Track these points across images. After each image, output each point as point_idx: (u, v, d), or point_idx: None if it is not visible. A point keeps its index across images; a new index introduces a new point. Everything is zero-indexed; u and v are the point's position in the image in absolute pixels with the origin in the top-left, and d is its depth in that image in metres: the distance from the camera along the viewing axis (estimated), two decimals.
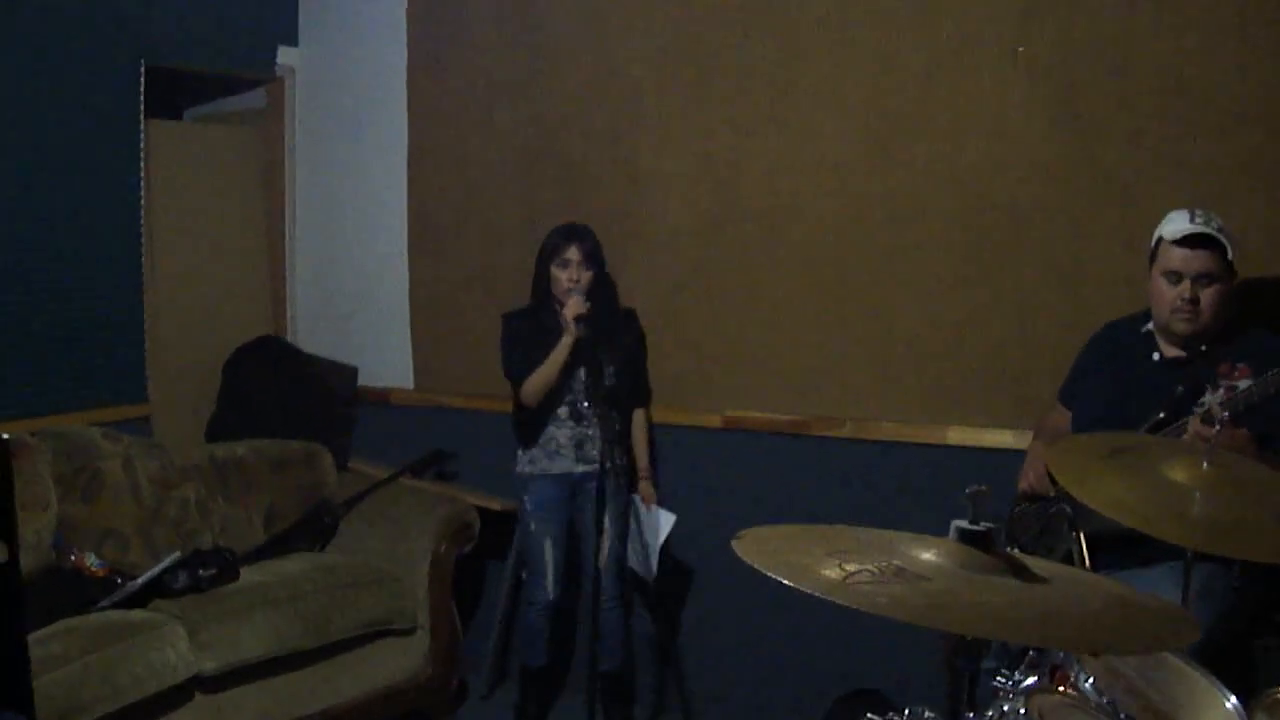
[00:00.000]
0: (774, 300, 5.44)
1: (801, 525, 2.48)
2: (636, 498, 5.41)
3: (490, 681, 6.10)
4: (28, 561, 4.71)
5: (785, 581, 2.06)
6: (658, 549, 5.33)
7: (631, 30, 5.72)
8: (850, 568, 2.12)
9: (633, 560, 5.41)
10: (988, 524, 2.21)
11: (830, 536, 2.37)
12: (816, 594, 2.01)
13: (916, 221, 5.07)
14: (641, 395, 5.63)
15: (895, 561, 2.15)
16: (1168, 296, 3.89)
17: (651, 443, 5.63)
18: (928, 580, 2.08)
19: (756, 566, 2.15)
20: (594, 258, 5.24)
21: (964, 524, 2.21)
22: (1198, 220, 3.82)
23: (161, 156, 6.27)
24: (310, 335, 6.92)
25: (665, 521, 5.36)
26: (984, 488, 2.20)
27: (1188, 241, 3.83)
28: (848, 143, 5.21)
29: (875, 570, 2.10)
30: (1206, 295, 3.83)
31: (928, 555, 2.20)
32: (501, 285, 5.84)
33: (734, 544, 2.27)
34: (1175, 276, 3.86)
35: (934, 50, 4.99)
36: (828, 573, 2.11)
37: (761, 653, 5.53)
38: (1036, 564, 2.24)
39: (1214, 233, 3.80)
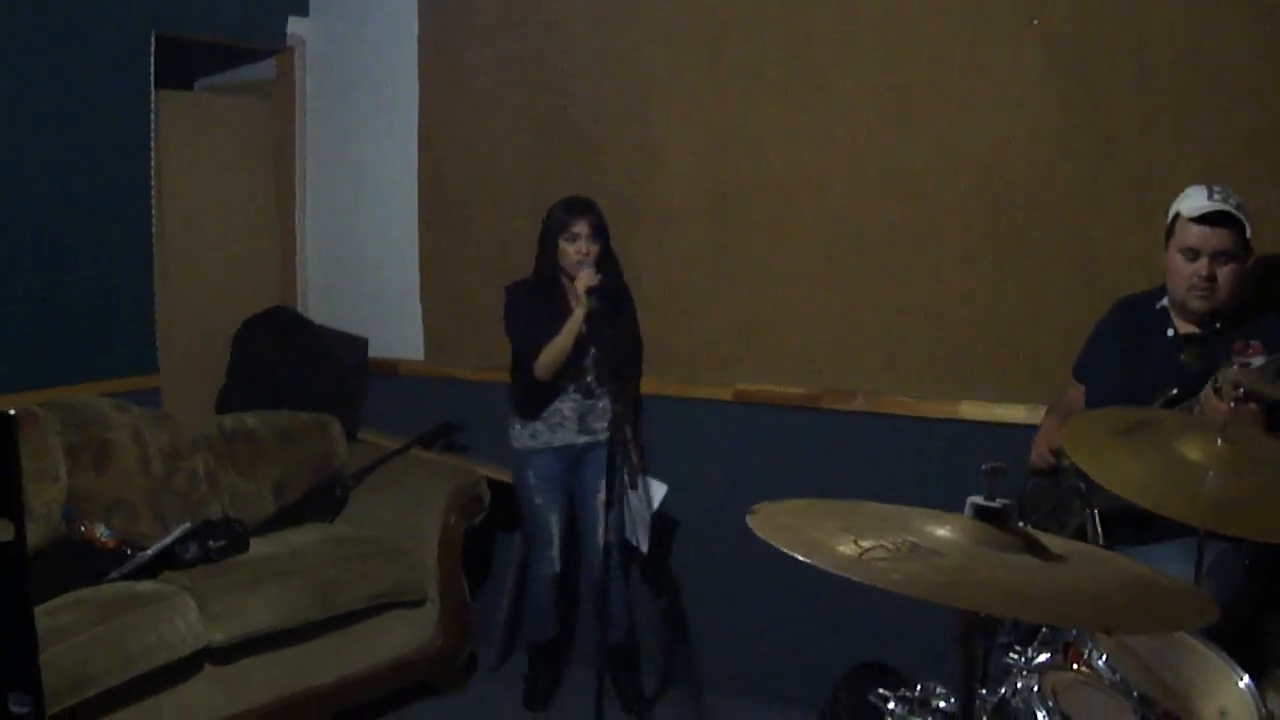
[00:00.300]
0: (786, 274, 5.42)
1: (816, 500, 2.45)
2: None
3: (500, 653, 6.10)
4: (38, 532, 4.77)
5: (801, 558, 2.05)
6: (649, 518, 5.32)
7: (643, 4, 5.69)
8: (865, 544, 2.10)
9: (628, 531, 5.41)
10: (1003, 500, 2.19)
11: (845, 512, 2.36)
12: (832, 570, 2.00)
13: (930, 195, 5.05)
14: (637, 368, 5.63)
15: (910, 538, 2.14)
16: (1184, 273, 3.85)
17: (637, 414, 5.63)
18: (943, 557, 2.07)
19: (771, 542, 2.13)
20: (601, 230, 5.22)
21: (980, 500, 2.19)
22: (1216, 197, 3.78)
23: (172, 127, 6.27)
24: (320, 306, 6.92)
25: (657, 491, 5.34)
26: (1000, 464, 2.18)
27: (1206, 219, 3.79)
28: (861, 117, 5.18)
29: (890, 546, 2.09)
30: (1224, 273, 3.80)
31: (943, 532, 2.18)
32: (512, 258, 5.81)
33: (748, 519, 2.25)
34: (1192, 253, 3.83)
35: (948, 23, 4.95)
36: (843, 549, 2.10)
37: (772, 626, 5.52)
38: (1052, 541, 2.23)
39: (1232, 210, 3.76)
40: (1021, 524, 4.03)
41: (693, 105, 5.60)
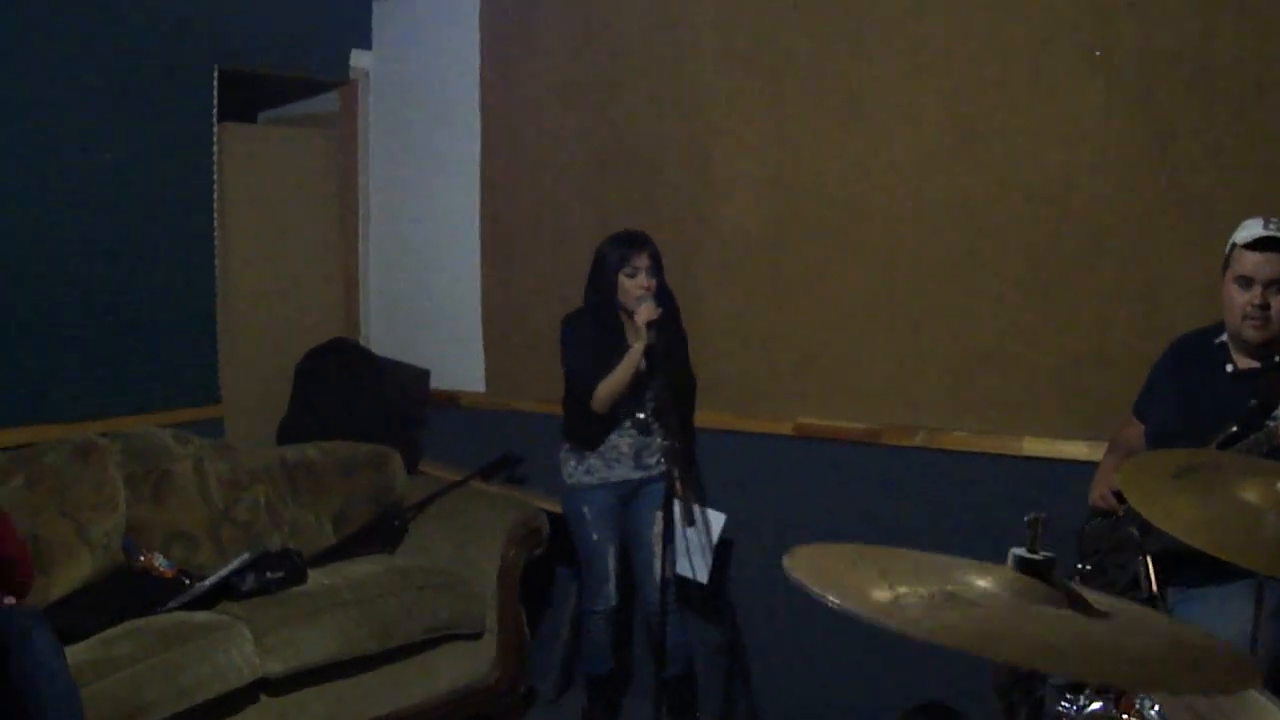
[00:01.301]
0: (846, 307, 5.38)
1: (855, 545, 2.41)
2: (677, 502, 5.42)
3: (558, 686, 6.09)
4: (96, 562, 4.80)
5: (832, 602, 2.02)
6: (711, 549, 5.30)
7: (703, 33, 5.68)
8: (901, 590, 2.07)
9: (682, 565, 5.39)
10: (1046, 553, 2.14)
11: (885, 557, 2.32)
12: (862, 616, 1.97)
13: (992, 228, 5.00)
14: (690, 402, 5.60)
15: (948, 587, 2.10)
16: (1239, 303, 3.79)
17: (691, 448, 5.58)
18: (979, 607, 2.03)
19: (804, 586, 2.10)
20: (659, 264, 5.20)
21: (1022, 552, 2.14)
22: (1272, 226, 3.73)
23: (235, 159, 6.32)
24: (382, 338, 6.96)
25: (716, 521, 5.34)
26: (1043, 515, 2.13)
27: (1259, 245, 3.73)
28: (921, 148, 5.14)
29: (925, 594, 2.05)
30: (1278, 301, 3.75)
31: (983, 582, 2.14)
32: (573, 289, 5.79)
33: (785, 561, 2.22)
34: (1246, 282, 3.77)
35: (1010, 54, 4.91)
36: (878, 594, 2.06)
37: (831, 662, 5.46)
38: (1098, 599, 2.18)
39: None
40: (1080, 565, 4.00)
41: (753, 135, 5.57)
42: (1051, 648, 1.91)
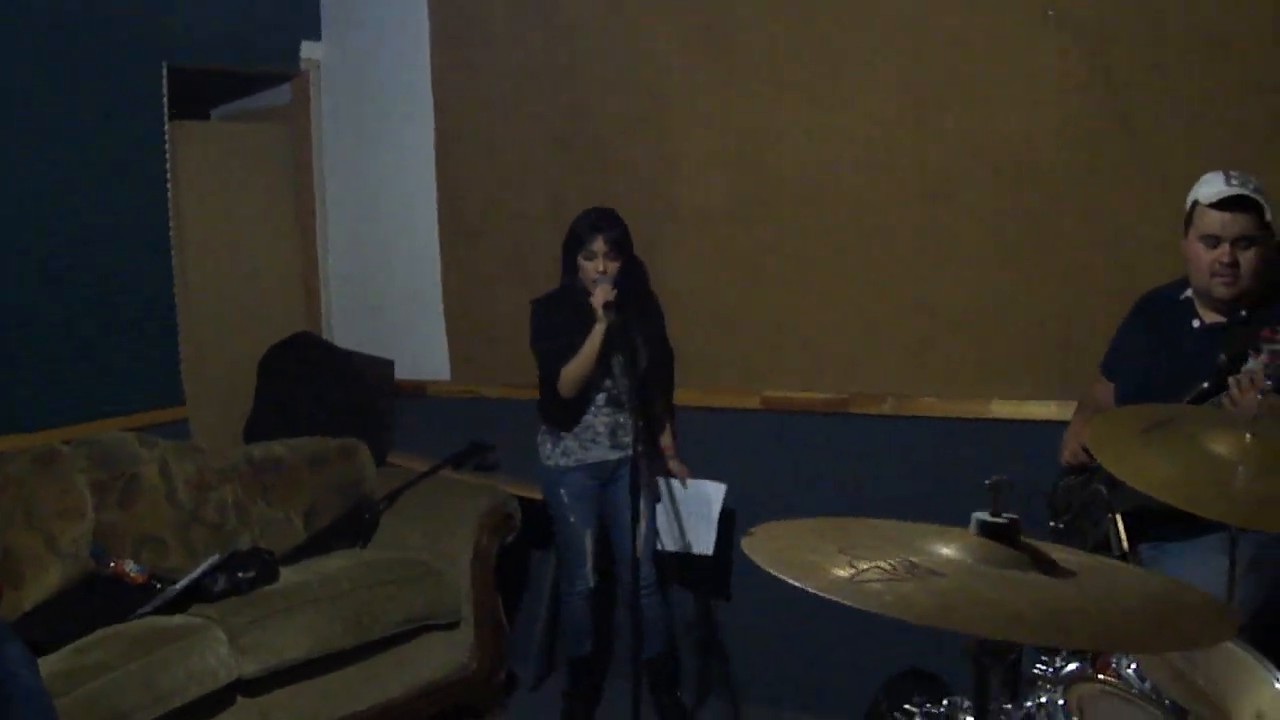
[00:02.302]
0: (810, 278, 5.37)
1: (815, 519, 2.39)
2: (671, 480, 5.41)
3: (538, 672, 6.08)
4: (65, 570, 4.75)
5: (791, 581, 2.00)
6: (714, 520, 5.32)
7: (656, 9, 5.66)
8: (861, 565, 2.04)
9: (674, 542, 5.38)
10: (1010, 515, 2.12)
11: (845, 530, 2.30)
12: (822, 594, 1.94)
13: (952, 193, 5.00)
14: (669, 378, 5.59)
15: (910, 557, 2.07)
16: (1205, 260, 3.79)
17: (673, 423, 5.62)
18: (941, 577, 2.01)
19: (763, 566, 2.08)
20: (620, 246, 5.17)
21: (984, 516, 2.12)
22: (1234, 182, 3.72)
23: (188, 157, 6.26)
24: (345, 330, 6.92)
25: (716, 492, 5.38)
26: (1005, 478, 2.11)
27: (1225, 204, 3.73)
28: (880, 115, 5.14)
29: (887, 567, 2.03)
30: (1246, 258, 3.74)
31: (946, 550, 2.11)
32: (534, 272, 5.80)
33: (743, 542, 2.20)
34: (1213, 240, 3.77)
35: (964, 17, 4.91)
36: (837, 571, 2.04)
37: (809, 635, 5.46)
38: (1063, 556, 2.16)
39: (1250, 194, 3.70)
40: (1053, 523, 4.00)
41: (710, 109, 5.56)
42: (1016, 615, 1.88)
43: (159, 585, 4.83)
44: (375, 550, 5.63)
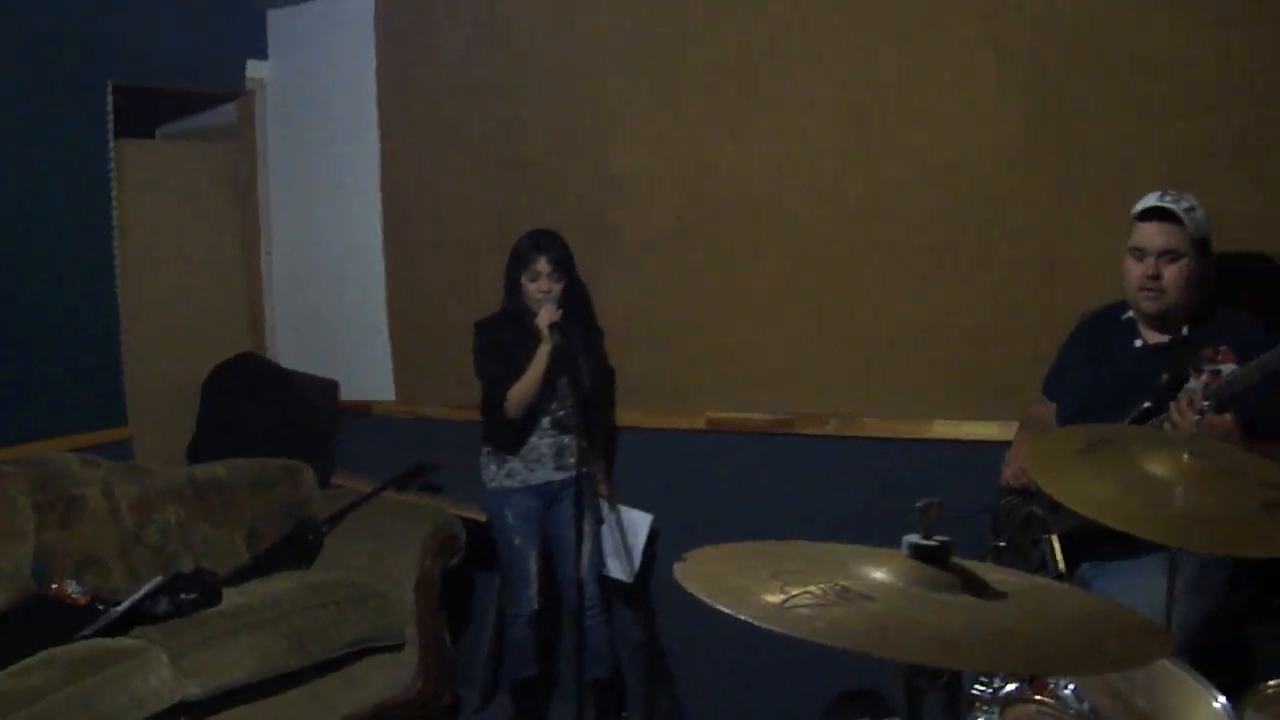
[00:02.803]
0: (753, 299, 5.39)
1: (749, 544, 2.40)
2: (603, 502, 5.42)
3: (484, 694, 6.06)
4: (7, 592, 4.71)
5: (722, 609, 2.00)
6: (639, 550, 5.31)
7: (599, 33, 5.68)
8: (793, 590, 2.05)
9: (610, 566, 5.39)
10: (941, 538, 2.13)
11: (778, 554, 2.30)
12: (754, 622, 1.95)
13: (893, 214, 5.02)
14: (609, 399, 5.61)
15: (842, 581, 2.08)
16: (1134, 274, 3.86)
17: (610, 446, 5.65)
18: (872, 601, 2.01)
19: (695, 592, 2.09)
20: (563, 266, 5.20)
21: (916, 538, 2.13)
22: (1167, 199, 3.79)
23: (133, 176, 6.25)
24: (289, 350, 6.90)
25: (643, 522, 5.38)
26: (936, 500, 2.12)
27: (1149, 215, 3.81)
28: (820, 137, 5.16)
29: (818, 592, 2.03)
30: (1169, 272, 3.78)
31: (879, 573, 2.11)
32: (479, 293, 5.80)
33: (675, 569, 2.21)
34: (1140, 253, 3.84)
35: (904, 39, 4.93)
36: (768, 596, 2.04)
37: (754, 656, 5.45)
38: (996, 578, 2.17)
39: (1171, 206, 3.76)
40: (998, 544, 4.03)
41: (651, 130, 5.58)
42: (946, 640, 1.89)
43: (101, 607, 4.81)
44: (319, 572, 5.61)
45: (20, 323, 5.57)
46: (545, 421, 5.30)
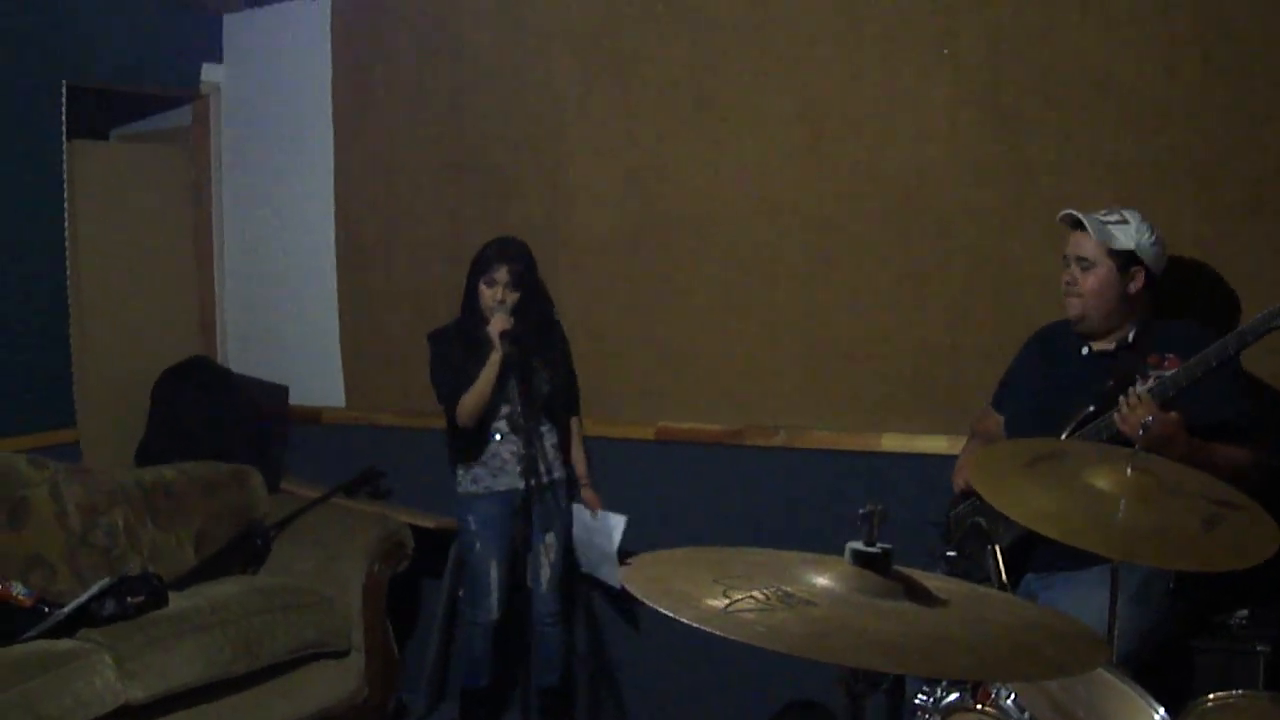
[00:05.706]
0: (704, 310, 5.41)
1: (695, 549, 2.41)
2: (580, 506, 5.41)
3: (429, 701, 6.04)
4: None
5: (665, 612, 2.02)
6: (615, 553, 5.31)
7: (552, 41, 5.70)
8: (736, 595, 2.06)
9: (590, 568, 5.41)
10: (884, 545, 2.15)
11: (723, 560, 2.31)
12: (696, 625, 1.96)
13: (844, 227, 5.05)
14: (574, 404, 5.60)
15: (785, 586, 2.10)
16: (1063, 280, 4.03)
17: (583, 447, 5.63)
18: (814, 606, 2.03)
19: (639, 596, 2.10)
20: (522, 279, 5.19)
21: (859, 545, 2.15)
22: (1100, 212, 3.94)
23: (86, 177, 6.21)
24: (240, 355, 6.87)
25: (617, 524, 5.37)
26: (879, 507, 2.15)
27: (1064, 221, 4.00)
28: (773, 149, 5.19)
29: (760, 597, 2.05)
30: (1085, 279, 3.94)
31: (822, 579, 2.14)
32: (431, 300, 5.80)
33: (620, 573, 2.23)
34: (1066, 260, 4.02)
35: (858, 53, 4.97)
36: (711, 601, 2.06)
37: (701, 665, 5.47)
38: (937, 585, 2.19)
39: (1079, 215, 3.92)
40: (952, 552, 4.07)
41: (604, 141, 5.60)
42: (886, 644, 1.91)
43: (47, 609, 4.77)
44: (266, 576, 5.59)
45: None
46: (505, 428, 5.27)
